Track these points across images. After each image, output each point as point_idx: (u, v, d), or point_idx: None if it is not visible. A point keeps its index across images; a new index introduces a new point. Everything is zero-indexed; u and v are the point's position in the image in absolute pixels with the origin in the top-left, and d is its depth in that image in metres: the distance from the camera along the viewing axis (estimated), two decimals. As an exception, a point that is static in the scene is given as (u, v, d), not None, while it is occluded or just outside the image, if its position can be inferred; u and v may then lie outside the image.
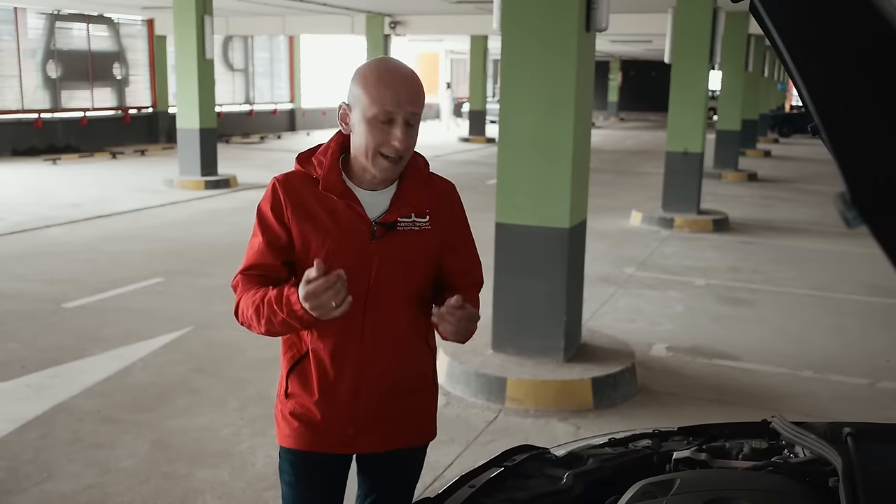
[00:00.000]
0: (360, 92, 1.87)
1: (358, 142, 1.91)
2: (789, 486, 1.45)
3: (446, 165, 18.37)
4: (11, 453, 4.04)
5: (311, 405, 2.00)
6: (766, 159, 20.83)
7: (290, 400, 2.03)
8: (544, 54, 4.88)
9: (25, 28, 19.38)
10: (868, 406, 4.98)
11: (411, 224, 1.96)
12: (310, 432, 2.02)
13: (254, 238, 2.00)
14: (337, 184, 1.93)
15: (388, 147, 1.87)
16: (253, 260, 1.99)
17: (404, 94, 1.85)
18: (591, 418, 4.67)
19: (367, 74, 1.88)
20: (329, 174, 1.93)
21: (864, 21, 0.73)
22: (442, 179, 2.11)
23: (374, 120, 1.85)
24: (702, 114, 11.04)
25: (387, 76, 1.87)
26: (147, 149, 20.38)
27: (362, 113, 1.87)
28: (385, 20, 20.17)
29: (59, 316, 6.34)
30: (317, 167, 1.95)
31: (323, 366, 1.98)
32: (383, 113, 1.84)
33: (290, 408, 2.03)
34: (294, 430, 2.03)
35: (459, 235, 2.10)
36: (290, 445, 2.05)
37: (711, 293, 7.54)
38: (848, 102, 0.73)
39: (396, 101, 1.84)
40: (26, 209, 11.15)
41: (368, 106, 1.85)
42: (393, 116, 1.85)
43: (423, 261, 2.01)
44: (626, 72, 46.92)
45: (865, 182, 0.74)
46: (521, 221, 5.11)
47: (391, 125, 1.85)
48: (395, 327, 1.99)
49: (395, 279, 1.96)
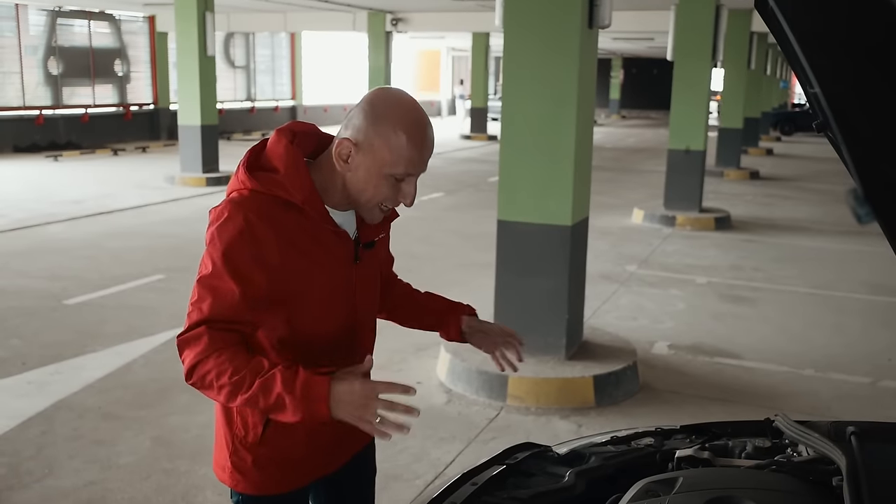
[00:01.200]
0: (381, 142, 1.62)
1: (359, 187, 1.68)
2: (792, 485, 1.45)
3: (448, 163, 18.36)
4: (13, 449, 4.04)
5: (294, 446, 1.80)
6: (768, 157, 20.81)
7: (265, 446, 1.79)
8: (546, 51, 4.87)
9: (27, 24, 19.37)
10: (870, 405, 4.97)
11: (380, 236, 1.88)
12: (290, 472, 1.84)
13: (218, 281, 1.62)
14: (322, 210, 1.70)
15: (394, 202, 1.70)
16: (223, 314, 1.62)
17: (428, 155, 1.68)
18: (593, 416, 4.67)
19: (395, 124, 1.62)
20: (311, 199, 1.67)
21: (874, 13, 0.72)
22: None
23: (391, 177, 1.65)
24: (704, 112, 11.03)
25: (417, 134, 1.63)
26: (148, 145, 20.39)
27: (377, 165, 1.64)
28: (387, 17, 20.15)
29: (60, 312, 6.34)
30: (290, 189, 1.65)
31: None
32: (406, 174, 1.65)
33: (266, 454, 1.79)
34: (270, 475, 1.82)
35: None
36: (268, 492, 1.84)
37: (713, 291, 7.53)
38: (860, 96, 0.73)
39: (421, 162, 1.66)
40: (28, 206, 11.15)
41: (389, 162, 1.63)
42: (412, 175, 1.67)
43: (385, 267, 1.98)
44: (629, 69, 46.88)
45: (878, 178, 0.74)
46: (523, 219, 5.10)
47: (406, 182, 1.68)
48: (372, 340, 1.93)
49: (372, 296, 1.89)
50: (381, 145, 1.62)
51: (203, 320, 1.62)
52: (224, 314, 1.62)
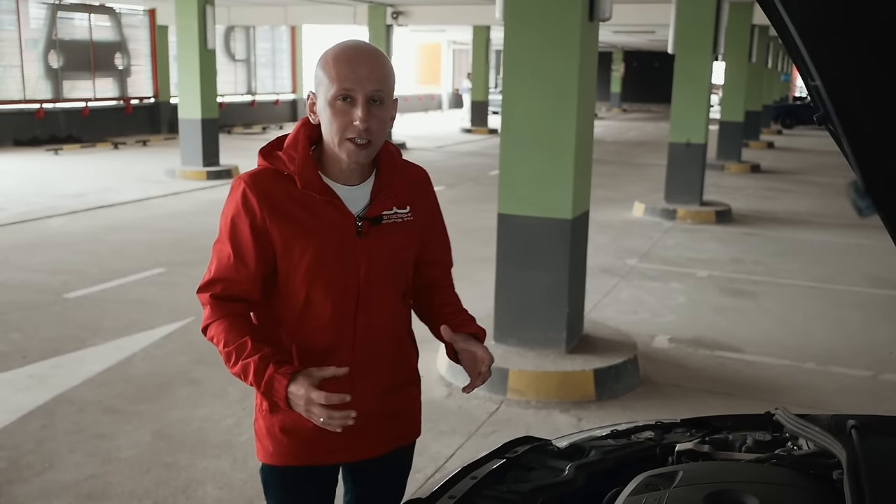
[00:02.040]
0: (322, 74, 1.78)
1: (325, 129, 1.80)
2: (793, 479, 1.44)
3: (449, 156, 18.35)
4: (13, 443, 4.04)
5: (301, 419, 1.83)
6: (769, 150, 20.78)
7: (278, 414, 1.89)
8: (547, 45, 4.85)
9: (27, 18, 19.34)
10: (870, 398, 4.97)
11: (394, 216, 1.89)
12: (303, 446, 1.91)
13: (220, 245, 1.86)
14: (314, 180, 1.81)
15: (352, 129, 1.75)
16: (223, 274, 1.85)
17: (364, 71, 1.74)
18: (593, 410, 4.67)
19: (326, 56, 1.79)
20: (304, 171, 1.81)
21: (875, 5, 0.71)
22: (415, 167, 2.03)
23: (335, 100, 1.75)
24: (705, 105, 11.01)
25: (345, 54, 1.77)
26: (149, 139, 20.36)
27: (324, 95, 1.77)
28: (387, 10, 20.10)
29: (60, 306, 6.34)
30: (287, 162, 1.82)
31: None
32: (342, 91, 1.74)
33: (278, 423, 1.90)
34: (284, 446, 1.91)
35: (438, 223, 2.07)
36: (281, 462, 1.94)
37: (714, 285, 7.53)
38: (861, 89, 0.72)
39: (356, 78, 1.73)
40: (28, 199, 11.15)
41: (328, 86, 1.76)
42: (353, 94, 1.74)
43: (409, 252, 1.96)
44: (629, 63, 46.79)
45: (879, 171, 0.73)
46: (524, 212, 5.09)
47: (352, 105, 1.74)
48: (386, 324, 1.93)
49: (384, 274, 1.89)
50: (321, 77, 1.79)
51: (210, 280, 1.87)
52: (225, 274, 1.85)
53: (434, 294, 2.07)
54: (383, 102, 1.78)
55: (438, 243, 2.08)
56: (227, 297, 1.85)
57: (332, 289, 1.85)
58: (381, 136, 1.82)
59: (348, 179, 1.85)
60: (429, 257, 2.04)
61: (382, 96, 1.77)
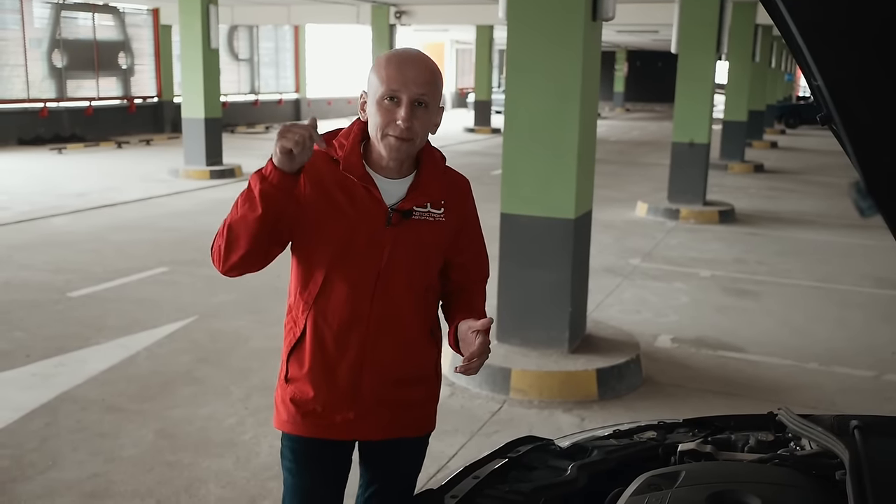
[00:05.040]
0: (373, 76, 1.91)
1: (371, 125, 1.92)
2: (795, 479, 1.44)
3: (452, 156, 18.18)
4: (16, 442, 4.05)
5: (310, 389, 1.99)
6: (772, 150, 20.75)
7: (291, 385, 2.02)
8: (550, 44, 4.85)
9: (31, 17, 19.36)
10: (873, 398, 4.96)
11: (426, 214, 1.97)
12: (309, 418, 2.01)
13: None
14: (357, 166, 1.94)
15: (394, 126, 1.87)
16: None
17: (411, 75, 1.87)
18: (596, 410, 4.66)
19: (380, 59, 1.92)
20: (350, 156, 1.94)
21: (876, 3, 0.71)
22: (458, 174, 2.12)
23: (381, 100, 1.87)
24: (708, 105, 11.00)
25: (395, 58, 1.90)
26: (152, 138, 20.39)
27: (373, 95, 1.90)
28: (390, 10, 20.09)
29: (64, 305, 6.35)
30: (337, 149, 1.96)
31: (325, 347, 1.97)
32: (389, 92, 1.86)
33: (290, 393, 2.02)
34: (292, 415, 2.02)
35: (471, 231, 2.13)
36: (289, 431, 2.04)
37: (717, 285, 7.52)
38: (862, 88, 0.72)
39: (402, 81, 1.86)
40: (32, 198, 11.16)
41: (377, 87, 1.88)
42: (398, 96, 1.86)
43: (434, 251, 2.02)
44: (633, 62, 46.76)
45: (881, 171, 0.73)
46: (527, 212, 5.09)
47: (398, 105, 1.87)
48: (402, 314, 1.99)
49: (405, 266, 1.96)
50: (372, 78, 1.91)
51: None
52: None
53: (460, 299, 2.11)
54: (428, 106, 1.90)
55: (472, 250, 2.13)
56: None
57: (352, 270, 1.94)
58: (423, 136, 1.94)
59: (389, 173, 1.96)
60: (460, 262, 2.10)
61: (427, 100, 1.89)
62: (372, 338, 1.97)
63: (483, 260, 2.19)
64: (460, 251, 2.09)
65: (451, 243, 2.06)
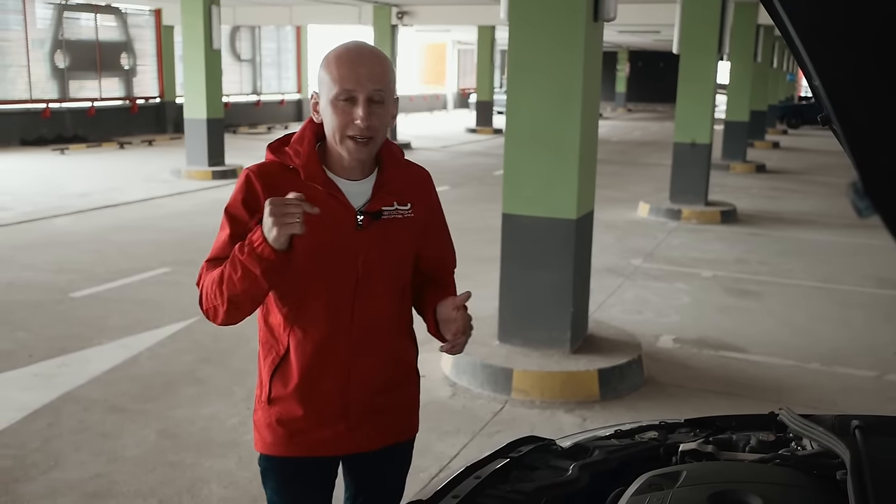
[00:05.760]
0: (324, 75, 1.84)
1: (327, 127, 1.86)
2: (796, 479, 1.44)
3: (454, 156, 18.36)
4: (19, 442, 4.06)
5: (298, 408, 1.92)
6: (774, 150, 20.74)
7: (275, 406, 1.95)
8: (552, 45, 4.85)
9: (34, 18, 19.39)
10: (875, 398, 4.96)
11: (395, 212, 1.93)
12: (298, 437, 1.95)
13: (221, 231, 1.91)
14: (318, 173, 1.88)
15: (353, 127, 1.81)
16: (217, 253, 1.90)
17: (364, 72, 1.80)
18: (598, 410, 4.66)
19: (328, 57, 1.85)
20: (309, 164, 1.88)
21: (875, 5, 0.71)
22: (417, 167, 2.06)
23: (336, 100, 1.81)
24: (710, 105, 10.99)
25: (346, 55, 1.83)
26: (154, 139, 20.41)
27: (326, 95, 1.83)
28: (392, 10, 20.10)
29: (66, 305, 6.36)
30: (293, 156, 1.89)
31: (308, 363, 1.91)
32: (343, 92, 1.80)
33: (275, 415, 1.95)
34: (279, 437, 1.95)
35: (438, 222, 2.09)
36: (277, 453, 1.97)
37: (718, 285, 7.52)
38: (861, 89, 0.72)
39: (356, 79, 1.79)
40: (34, 199, 11.18)
41: (330, 87, 1.81)
42: (354, 95, 1.80)
43: (407, 248, 1.99)
44: (634, 62, 46.75)
45: (878, 171, 0.73)
46: (528, 212, 5.09)
47: (353, 104, 1.80)
48: (383, 318, 1.96)
49: (381, 269, 1.93)
50: (324, 78, 1.84)
51: (206, 260, 1.93)
52: (221, 254, 1.88)
53: (432, 290, 2.06)
54: (384, 102, 1.84)
55: (439, 241, 2.10)
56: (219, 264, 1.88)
57: (329, 280, 1.89)
58: (382, 134, 1.88)
59: (351, 175, 1.91)
60: (429, 255, 2.07)
61: (383, 96, 1.83)
62: (357, 346, 1.92)
63: (451, 250, 2.15)
64: (429, 244, 2.05)
65: (422, 238, 2.02)
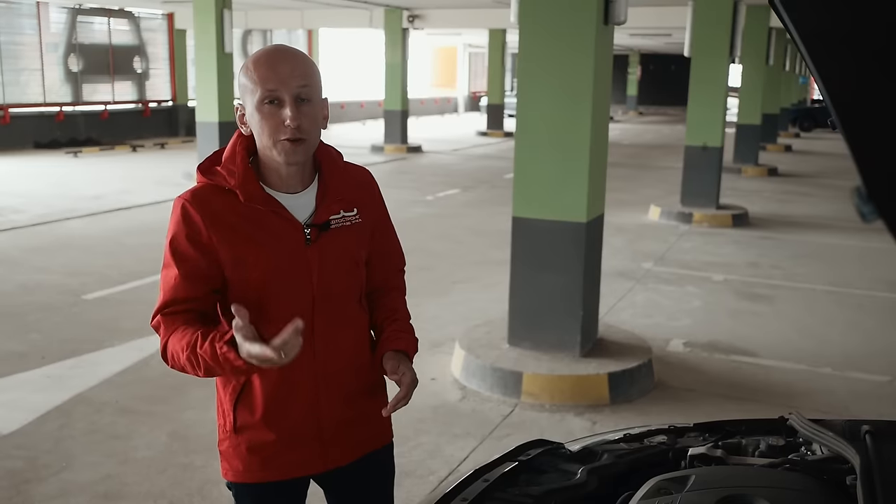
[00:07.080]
0: (245, 81, 1.75)
1: (257, 136, 1.77)
2: (806, 484, 1.44)
3: (464, 160, 18.37)
4: (31, 443, 4.08)
5: (268, 434, 1.86)
6: (786, 154, 20.65)
7: (242, 434, 1.87)
8: (562, 48, 4.85)
9: (48, 22, 19.54)
10: (887, 404, 4.93)
11: (342, 220, 1.87)
12: (271, 462, 1.88)
13: (166, 270, 1.81)
14: (257, 191, 1.78)
15: (283, 130, 1.72)
16: (171, 296, 1.79)
17: (286, 70, 1.72)
18: (607, 413, 4.65)
19: (247, 63, 1.76)
20: (246, 183, 1.78)
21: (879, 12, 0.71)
22: (357, 168, 2.00)
23: (261, 105, 1.72)
24: (722, 108, 10.96)
25: (265, 57, 1.75)
26: (167, 142, 20.50)
27: (251, 101, 1.74)
28: (403, 14, 20.14)
29: (79, 308, 6.39)
30: (227, 177, 1.79)
31: (274, 386, 1.84)
32: (266, 94, 1.71)
33: (245, 443, 1.87)
34: (249, 465, 1.88)
35: (384, 222, 2.04)
36: (249, 480, 1.90)
37: (730, 289, 7.49)
38: (865, 96, 0.72)
39: (278, 79, 1.71)
40: (48, 201, 11.25)
41: (253, 91, 1.73)
42: (278, 96, 1.72)
43: (359, 255, 1.93)
44: (646, 65, 46.65)
45: (882, 177, 0.73)
46: (539, 216, 5.09)
47: (280, 106, 1.72)
48: (346, 329, 1.90)
49: (337, 281, 1.87)
50: (245, 83, 1.76)
51: (160, 307, 1.81)
52: (175, 296, 1.79)
53: (380, 297, 2.04)
54: (311, 100, 1.76)
55: (387, 243, 2.05)
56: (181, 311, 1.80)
57: (285, 299, 1.81)
58: (315, 134, 1.79)
59: (291, 187, 1.83)
60: (377, 258, 2.01)
61: (309, 93, 1.75)
62: (322, 362, 1.86)
63: (399, 248, 2.10)
64: (380, 247, 2.01)
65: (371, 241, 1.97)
